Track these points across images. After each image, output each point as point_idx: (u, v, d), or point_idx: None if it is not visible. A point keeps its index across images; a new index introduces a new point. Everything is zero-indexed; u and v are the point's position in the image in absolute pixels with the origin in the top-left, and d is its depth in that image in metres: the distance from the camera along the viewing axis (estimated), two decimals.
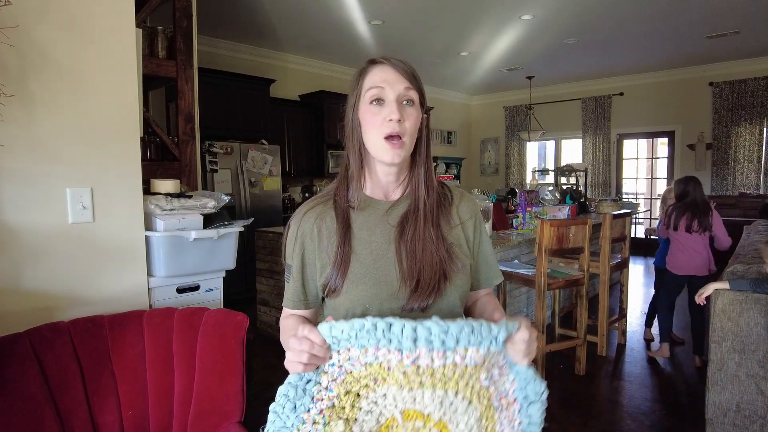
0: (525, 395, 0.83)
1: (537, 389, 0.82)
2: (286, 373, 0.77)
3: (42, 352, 1.38)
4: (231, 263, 2.03)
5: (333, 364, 0.73)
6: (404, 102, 0.90)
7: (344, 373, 0.74)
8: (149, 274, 1.80)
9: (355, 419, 0.75)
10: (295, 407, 0.72)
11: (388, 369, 0.74)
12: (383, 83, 0.89)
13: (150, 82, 2.60)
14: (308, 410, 0.73)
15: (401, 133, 0.89)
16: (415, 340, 0.72)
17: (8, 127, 1.42)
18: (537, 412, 0.82)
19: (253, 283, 4.14)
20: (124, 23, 1.66)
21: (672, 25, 5.16)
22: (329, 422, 0.73)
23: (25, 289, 1.49)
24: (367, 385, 0.75)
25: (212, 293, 2.00)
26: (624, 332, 3.76)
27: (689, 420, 2.59)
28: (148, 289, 1.79)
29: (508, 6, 4.55)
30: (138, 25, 1.91)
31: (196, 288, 1.95)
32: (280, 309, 0.99)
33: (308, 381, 0.73)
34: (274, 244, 3.85)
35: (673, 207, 3.45)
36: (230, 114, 5.08)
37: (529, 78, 7.56)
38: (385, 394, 0.76)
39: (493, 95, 9.21)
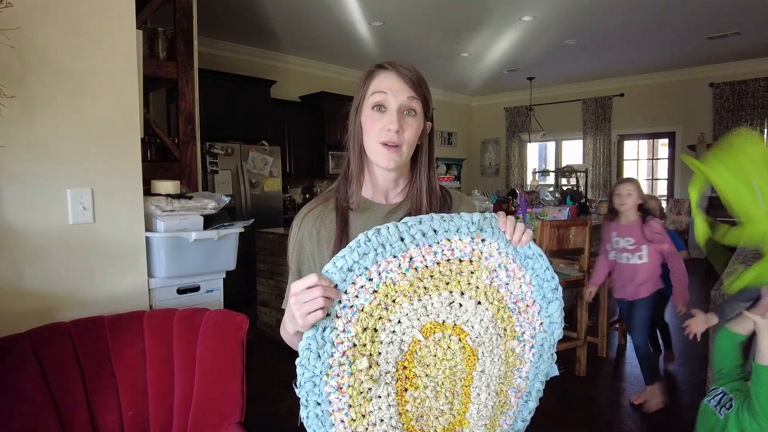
0: (543, 296, 0.87)
1: (552, 287, 0.87)
2: (285, 375, 0.78)
3: (42, 352, 1.38)
4: (231, 264, 2.04)
5: (344, 306, 0.75)
6: (405, 112, 0.90)
7: (356, 311, 0.76)
8: (150, 274, 1.80)
9: (378, 353, 0.77)
10: (319, 356, 0.74)
11: (394, 284, 0.78)
12: (387, 90, 0.90)
13: (150, 84, 2.61)
14: (332, 355, 0.75)
15: (399, 143, 0.90)
16: (401, 239, 0.78)
17: (9, 128, 1.42)
18: (556, 311, 0.87)
19: (254, 284, 4.15)
20: (124, 24, 1.67)
21: (672, 25, 5.16)
22: (354, 361, 0.76)
23: (25, 290, 1.49)
24: (380, 317, 0.77)
25: (212, 294, 2.00)
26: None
27: (690, 421, 2.58)
28: (149, 289, 1.79)
29: (509, 7, 4.56)
30: (138, 27, 1.92)
31: (196, 289, 1.95)
32: (281, 310, 0.99)
33: (324, 329, 0.74)
34: (275, 245, 3.86)
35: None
36: (231, 115, 5.08)
37: (530, 79, 7.56)
38: (399, 320, 0.78)
39: (493, 96, 9.21)
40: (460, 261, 0.82)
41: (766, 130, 6.66)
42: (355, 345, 0.76)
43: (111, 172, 1.65)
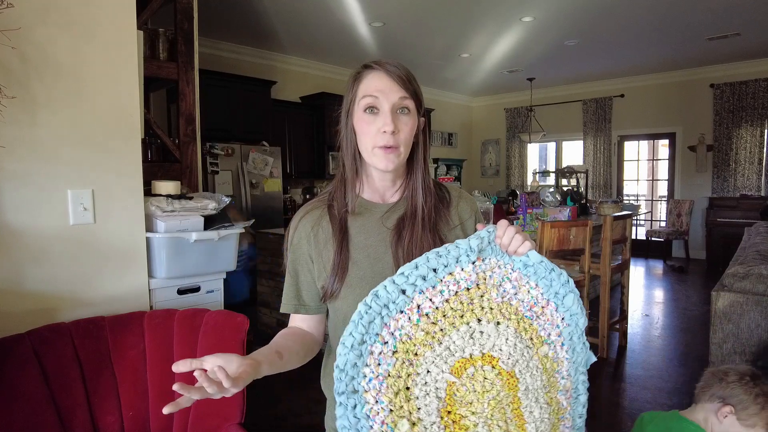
0: (555, 292, 0.85)
1: (562, 281, 0.85)
2: (285, 375, 0.77)
3: (43, 353, 1.38)
4: (231, 265, 2.04)
5: (370, 380, 0.73)
6: (399, 111, 0.89)
7: (383, 379, 0.73)
8: (150, 275, 1.80)
9: (417, 408, 0.74)
10: (358, 431, 0.73)
11: (410, 338, 0.75)
12: (377, 92, 0.87)
13: (151, 84, 2.61)
14: (371, 428, 0.73)
15: (395, 144, 0.88)
16: (403, 291, 0.75)
17: (10, 129, 1.42)
18: (573, 303, 0.85)
19: (254, 285, 4.15)
20: (125, 25, 1.67)
21: (673, 26, 5.17)
22: (395, 426, 0.73)
23: (26, 290, 1.50)
24: (408, 374, 0.75)
25: (213, 294, 2.00)
26: (625, 334, 3.75)
27: None
28: (149, 290, 1.79)
29: (509, 8, 4.56)
30: (139, 27, 1.92)
31: (196, 289, 1.95)
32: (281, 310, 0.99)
33: (354, 407, 0.72)
34: (275, 246, 3.86)
35: None
36: (231, 116, 5.08)
37: (530, 80, 7.56)
38: (428, 370, 0.75)
39: (493, 97, 9.22)
40: (468, 290, 0.79)
41: (766, 131, 6.66)
42: (391, 411, 0.73)
43: (111, 172, 1.65)
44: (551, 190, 5.63)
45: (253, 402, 1.55)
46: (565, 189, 6.28)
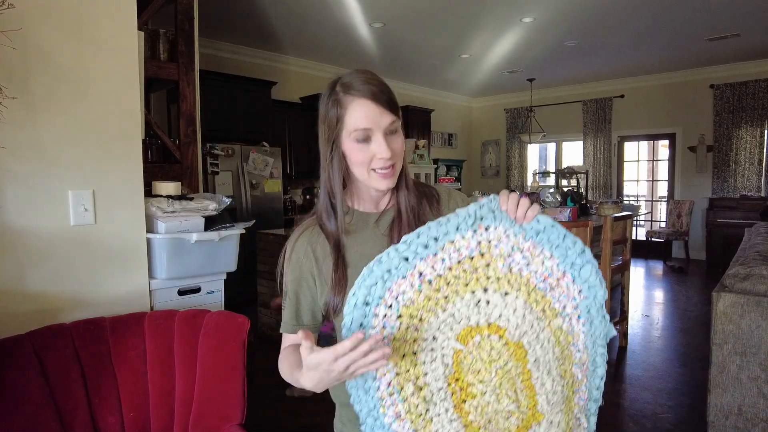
0: (572, 263, 0.82)
1: (578, 251, 0.82)
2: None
3: (43, 353, 1.38)
4: (232, 265, 2.04)
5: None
6: (389, 133, 0.88)
7: (389, 341, 0.75)
8: (151, 276, 1.80)
9: (424, 373, 0.76)
10: (366, 391, 0.76)
11: (413, 303, 0.76)
12: (369, 123, 0.85)
13: (152, 85, 2.61)
14: (378, 388, 0.76)
15: (392, 163, 0.88)
16: (405, 258, 0.76)
17: (11, 130, 1.42)
18: (591, 274, 0.82)
19: (254, 285, 4.15)
20: (126, 26, 1.67)
21: (673, 27, 5.17)
22: (402, 388, 0.76)
23: (27, 291, 1.49)
24: (414, 339, 0.76)
25: (213, 295, 2.00)
26: (625, 335, 3.75)
27: (691, 423, 2.58)
28: (150, 291, 1.79)
29: (509, 8, 4.56)
30: (140, 28, 1.92)
31: (197, 290, 1.95)
32: (281, 311, 0.99)
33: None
34: (275, 246, 3.86)
35: None
36: (232, 116, 5.08)
37: (530, 80, 7.57)
38: (434, 336, 0.77)
39: (494, 97, 9.22)
40: (471, 258, 0.79)
41: (766, 131, 6.66)
42: (397, 374, 0.75)
43: (112, 173, 1.65)
44: (551, 190, 5.63)
45: (254, 402, 1.55)
46: (565, 189, 6.28)
